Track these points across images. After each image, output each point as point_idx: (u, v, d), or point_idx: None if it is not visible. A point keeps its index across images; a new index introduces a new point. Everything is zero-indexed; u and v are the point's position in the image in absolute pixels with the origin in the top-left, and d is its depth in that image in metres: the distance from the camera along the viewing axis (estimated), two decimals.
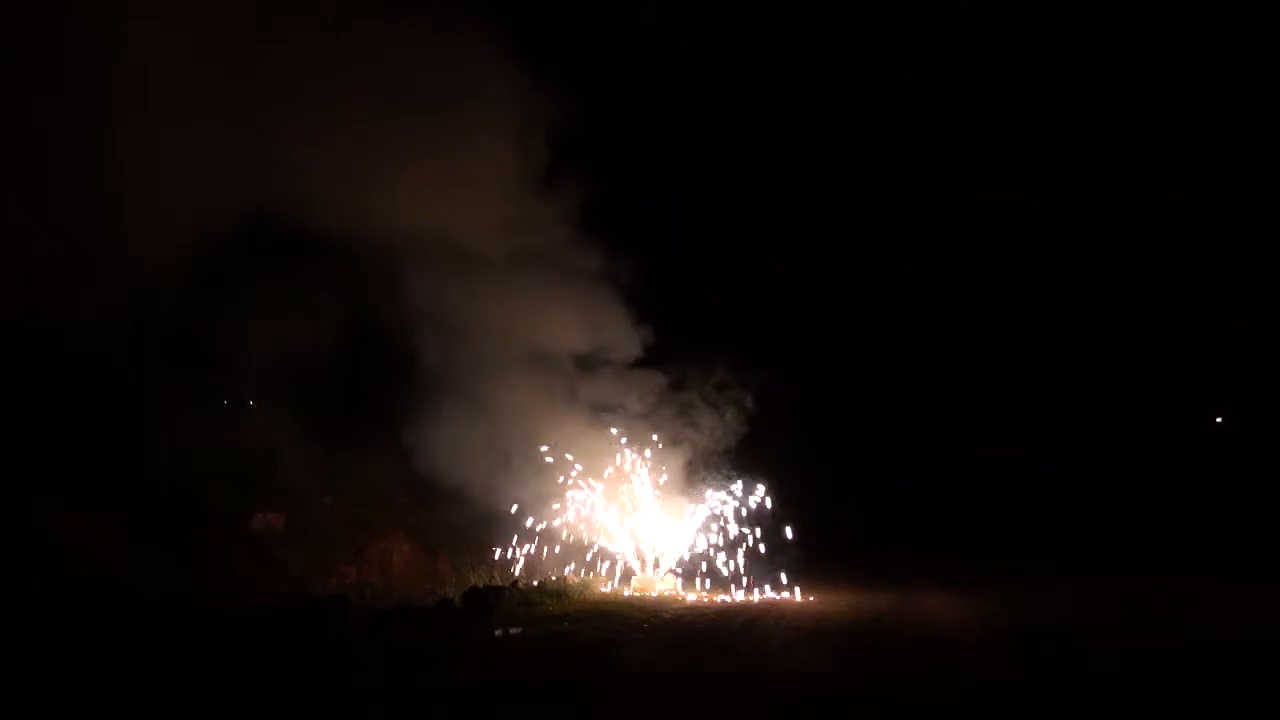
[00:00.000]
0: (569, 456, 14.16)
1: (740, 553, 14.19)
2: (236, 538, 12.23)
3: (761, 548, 14.19)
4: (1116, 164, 20.21)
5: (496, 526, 13.95)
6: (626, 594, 13.68)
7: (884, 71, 20.42)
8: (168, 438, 12.03)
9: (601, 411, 14.35)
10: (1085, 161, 20.44)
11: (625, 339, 14.58)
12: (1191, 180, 19.53)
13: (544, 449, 14.01)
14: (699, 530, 14.54)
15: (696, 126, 19.59)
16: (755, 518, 14.40)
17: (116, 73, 10.81)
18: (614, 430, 14.36)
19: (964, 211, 21.31)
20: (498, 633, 10.34)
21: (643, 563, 14.47)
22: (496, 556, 13.97)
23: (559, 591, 12.81)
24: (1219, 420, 20.53)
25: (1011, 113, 20.79)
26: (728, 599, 13.38)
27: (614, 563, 14.36)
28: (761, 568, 13.95)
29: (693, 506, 14.59)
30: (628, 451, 14.38)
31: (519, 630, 10.44)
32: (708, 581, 14.06)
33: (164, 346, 12.32)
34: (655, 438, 14.45)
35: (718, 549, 14.34)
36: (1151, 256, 20.37)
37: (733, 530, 14.42)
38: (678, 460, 14.66)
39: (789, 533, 14.22)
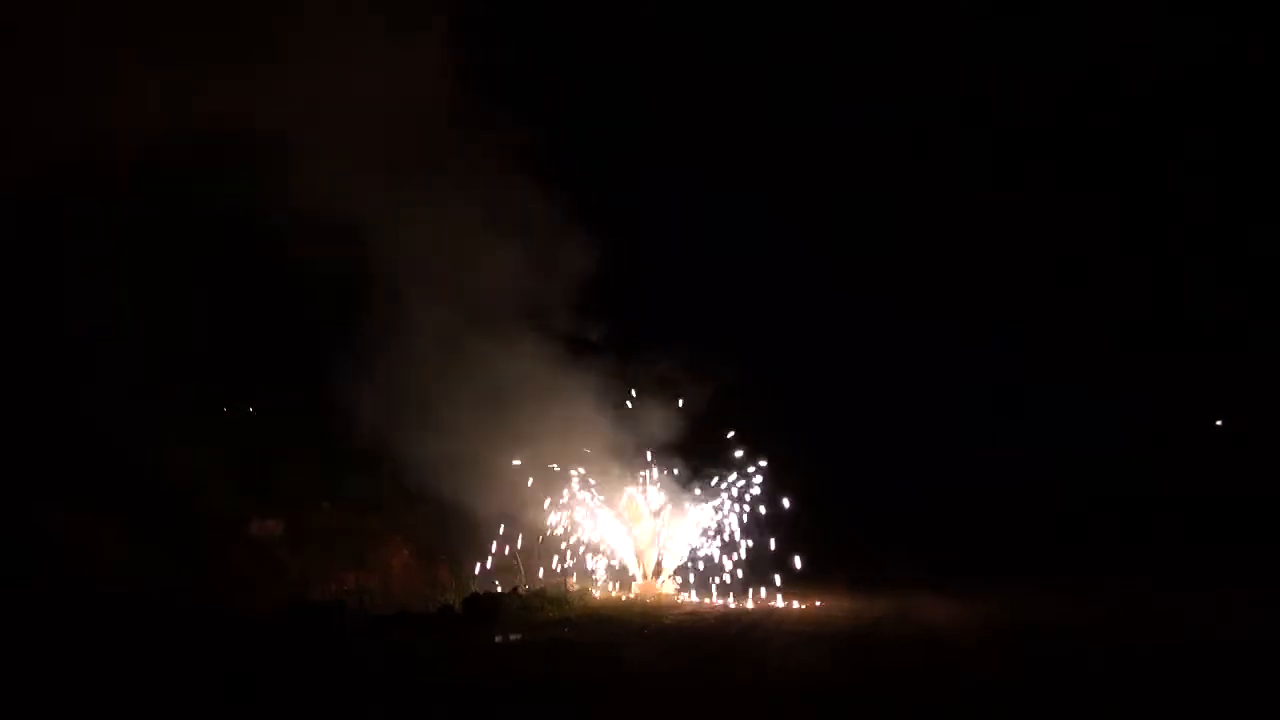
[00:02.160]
0: (555, 467, 14.14)
1: (740, 557, 14.17)
2: (236, 542, 12.21)
3: (761, 552, 14.18)
4: (1116, 163, 20.23)
5: (496, 533, 13.93)
6: (626, 599, 13.67)
7: (884, 71, 20.41)
8: (167, 440, 12.03)
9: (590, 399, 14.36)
10: (1085, 161, 20.45)
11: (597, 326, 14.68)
12: (1191, 178, 19.54)
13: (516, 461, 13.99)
14: (699, 535, 14.52)
15: (696, 126, 19.55)
16: (755, 522, 14.38)
17: None
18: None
19: (963, 211, 21.31)
20: (498, 638, 10.35)
21: (642, 568, 14.45)
22: (494, 560, 13.95)
23: (559, 598, 12.81)
24: (1219, 423, 20.51)
25: (1011, 112, 20.80)
26: (727, 603, 13.37)
27: (614, 568, 14.34)
28: (761, 572, 13.93)
29: (692, 511, 14.56)
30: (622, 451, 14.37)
31: (519, 636, 10.46)
32: (709, 586, 14.04)
33: (161, 348, 12.33)
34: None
35: (717, 554, 14.32)
36: (1151, 256, 20.38)
37: (732, 535, 14.40)
38: (672, 462, 14.65)
39: (789, 536, 14.21)
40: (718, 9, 19.37)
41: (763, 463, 14.68)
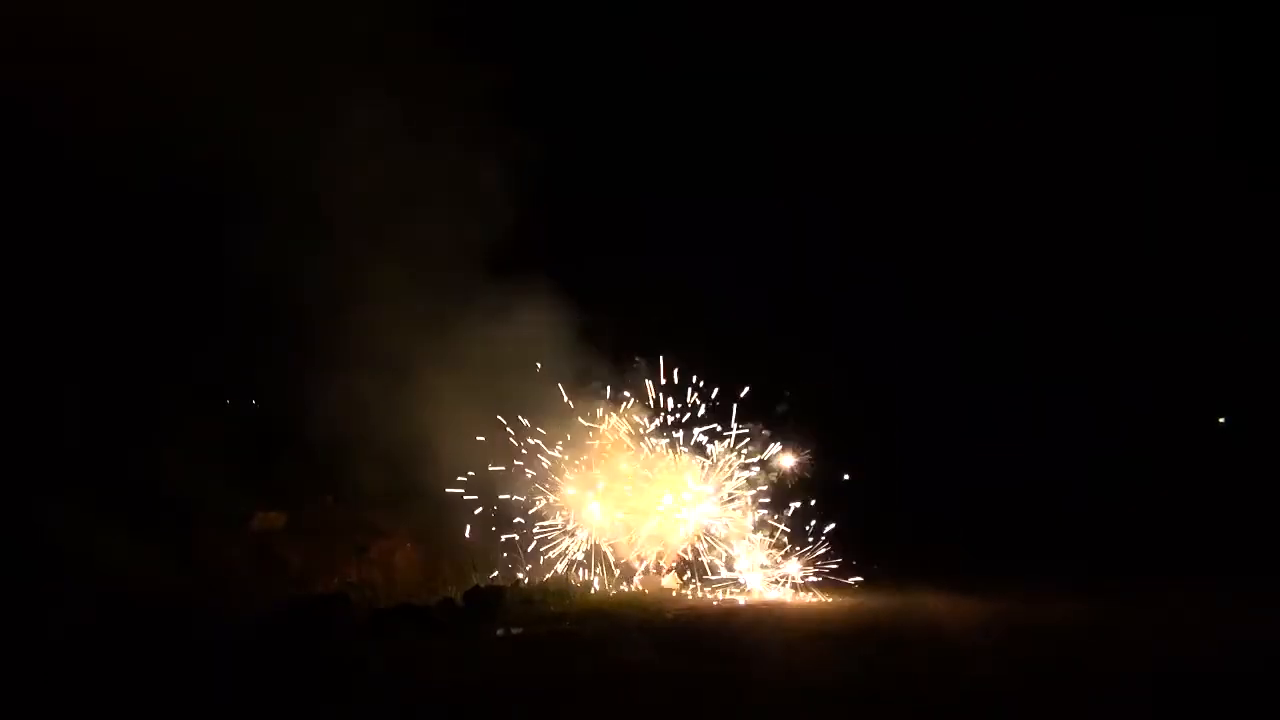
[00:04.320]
0: (557, 449, 14.10)
1: (744, 552, 14.17)
2: (236, 537, 12.22)
3: (766, 546, 14.18)
4: (1121, 162, 20.17)
5: (498, 526, 13.93)
6: (629, 594, 13.68)
7: (887, 71, 20.31)
8: (167, 435, 12.04)
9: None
10: (1088, 161, 20.39)
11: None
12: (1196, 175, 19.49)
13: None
14: (702, 529, 14.48)
15: (695, 125, 19.38)
16: (759, 517, 14.37)
17: None
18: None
19: (963, 211, 21.24)
20: (499, 632, 10.41)
21: (644, 562, 14.44)
22: (499, 554, 13.96)
23: (561, 591, 12.86)
24: (1221, 421, 20.46)
25: (1011, 113, 20.71)
26: (731, 599, 13.39)
27: (616, 562, 14.33)
28: (765, 567, 13.94)
29: (697, 506, 14.53)
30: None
31: (520, 630, 10.51)
32: (713, 580, 14.05)
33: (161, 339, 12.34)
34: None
35: (721, 548, 14.30)
36: (1153, 255, 20.32)
37: (737, 530, 14.38)
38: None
39: (793, 532, 14.22)
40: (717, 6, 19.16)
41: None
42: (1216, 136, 19.22)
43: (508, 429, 13.92)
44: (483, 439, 13.79)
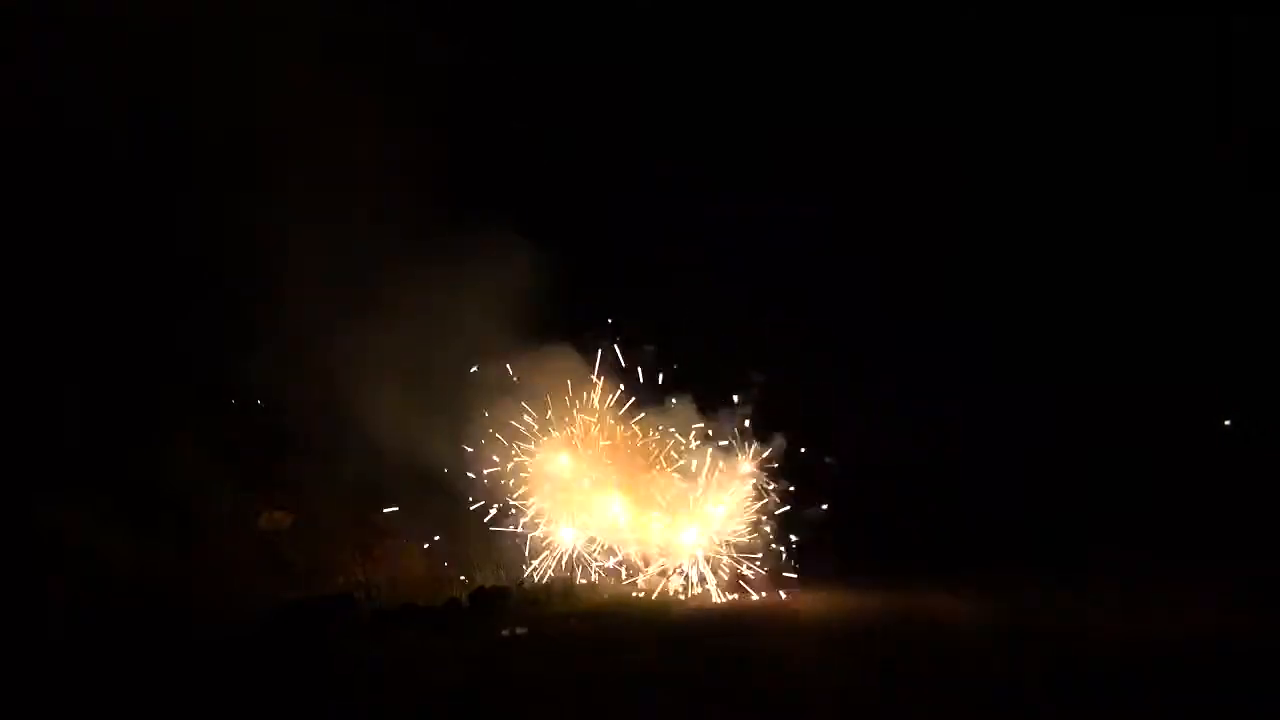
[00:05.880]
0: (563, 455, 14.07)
1: (747, 554, 14.15)
2: (241, 536, 12.22)
3: (768, 546, 14.17)
4: (1122, 161, 20.17)
5: (505, 525, 13.91)
6: (634, 595, 13.66)
7: (888, 70, 20.28)
8: (170, 435, 12.02)
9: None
10: (1089, 159, 20.39)
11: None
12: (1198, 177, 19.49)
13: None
14: (706, 529, 14.46)
15: (693, 124, 19.34)
16: (762, 516, 14.35)
17: None
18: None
19: (964, 210, 21.23)
20: (504, 632, 10.40)
21: (649, 562, 14.41)
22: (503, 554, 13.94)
23: (566, 591, 12.83)
24: (1227, 423, 20.42)
25: (1011, 111, 20.71)
26: (733, 599, 13.37)
27: (621, 562, 14.30)
28: (768, 567, 13.93)
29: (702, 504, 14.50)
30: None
31: (525, 630, 10.51)
32: (715, 581, 14.02)
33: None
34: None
35: (724, 548, 14.28)
36: (1154, 253, 20.32)
37: (740, 529, 14.36)
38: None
39: (796, 531, 14.21)
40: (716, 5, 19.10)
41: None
42: (1216, 136, 19.22)
43: (521, 426, 13.92)
44: (485, 442, 13.78)
